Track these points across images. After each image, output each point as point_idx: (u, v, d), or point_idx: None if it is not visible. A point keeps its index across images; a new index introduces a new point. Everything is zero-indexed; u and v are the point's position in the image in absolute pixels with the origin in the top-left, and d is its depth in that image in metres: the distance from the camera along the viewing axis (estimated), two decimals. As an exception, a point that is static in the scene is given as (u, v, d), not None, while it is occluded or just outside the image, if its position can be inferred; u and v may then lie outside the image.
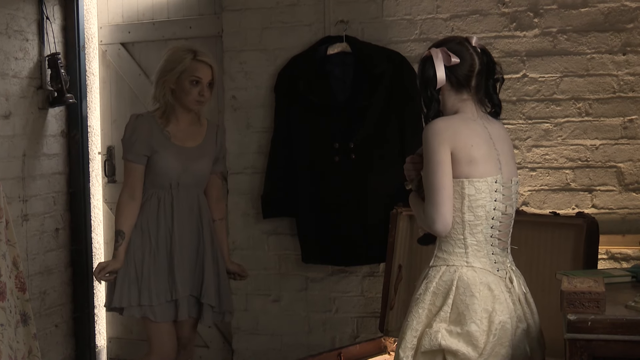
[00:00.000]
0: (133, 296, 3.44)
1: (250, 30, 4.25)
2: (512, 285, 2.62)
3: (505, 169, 2.61)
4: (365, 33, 4.05)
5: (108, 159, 4.77)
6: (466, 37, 2.67)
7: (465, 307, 2.51)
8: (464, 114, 2.61)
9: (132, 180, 3.48)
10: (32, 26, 4.25)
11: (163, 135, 3.47)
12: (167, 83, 3.46)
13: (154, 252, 3.47)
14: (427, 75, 2.59)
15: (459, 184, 2.53)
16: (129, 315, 3.51)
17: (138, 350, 4.72)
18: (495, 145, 2.60)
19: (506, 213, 2.61)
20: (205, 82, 3.47)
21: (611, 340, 2.37)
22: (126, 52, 4.69)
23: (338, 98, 4.00)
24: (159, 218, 3.48)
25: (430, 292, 2.57)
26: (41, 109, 4.30)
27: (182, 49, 3.52)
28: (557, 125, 3.83)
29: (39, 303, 4.25)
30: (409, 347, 2.55)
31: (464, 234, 2.56)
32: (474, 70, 2.60)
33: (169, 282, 3.46)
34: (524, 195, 3.87)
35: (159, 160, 3.45)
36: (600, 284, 2.51)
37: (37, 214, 4.26)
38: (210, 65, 3.49)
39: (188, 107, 3.48)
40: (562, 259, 3.28)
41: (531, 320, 2.65)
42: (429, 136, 2.53)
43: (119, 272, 3.45)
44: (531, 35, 3.85)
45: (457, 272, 2.56)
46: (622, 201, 3.76)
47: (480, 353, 2.49)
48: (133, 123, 3.50)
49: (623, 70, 3.74)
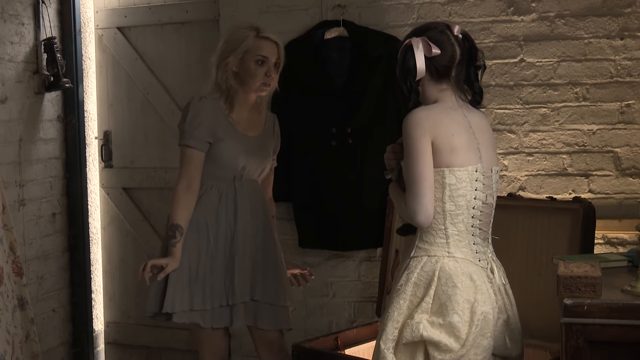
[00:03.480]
0: (185, 300, 3.12)
1: (247, 15, 4.23)
2: (494, 276, 2.61)
3: (485, 158, 2.60)
4: (363, 17, 4.04)
5: (105, 143, 4.77)
6: (448, 24, 2.63)
7: (447, 298, 2.49)
8: (444, 102, 2.59)
9: (190, 169, 3.12)
10: (27, 10, 4.23)
11: (228, 122, 3.17)
12: (229, 65, 3.14)
13: (212, 252, 3.15)
14: (407, 65, 2.56)
15: (439, 174, 2.51)
16: (178, 321, 3.17)
17: (135, 334, 4.75)
18: (475, 134, 2.59)
19: (487, 203, 2.60)
20: (271, 61, 3.15)
21: (607, 324, 2.38)
22: (122, 37, 4.67)
23: (335, 83, 3.99)
24: (219, 213, 3.16)
25: (411, 283, 2.55)
26: (37, 93, 4.29)
27: (244, 26, 3.21)
28: (554, 110, 3.83)
29: (36, 288, 4.26)
30: (390, 338, 2.53)
31: (445, 224, 2.54)
32: (455, 60, 2.59)
33: (226, 285, 3.15)
34: (521, 180, 3.87)
35: (224, 149, 3.13)
36: (596, 268, 2.52)
37: (33, 198, 4.26)
38: (275, 42, 3.18)
39: (253, 90, 3.18)
40: (559, 244, 3.28)
41: (511, 311, 2.64)
42: (409, 126, 2.51)
43: (170, 276, 3.11)
44: (529, 20, 3.85)
45: (438, 262, 2.54)
46: (618, 186, 3.76)
47: (462, 344, 2.47)
48: (196, 105, 3.15)
49: (621, 55, 3.74)
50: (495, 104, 3.89)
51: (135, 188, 4.73)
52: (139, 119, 4.69)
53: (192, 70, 4.53)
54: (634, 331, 2.37)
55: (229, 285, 3.15)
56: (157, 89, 4.61)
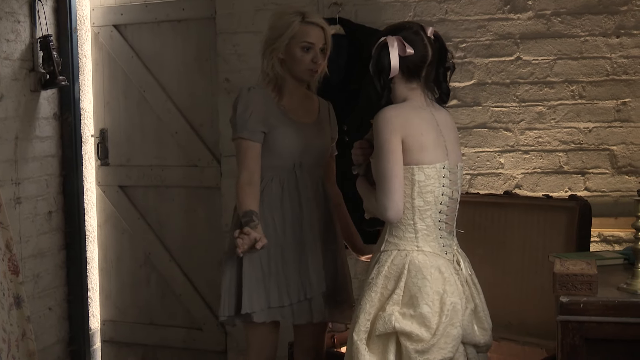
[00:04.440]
0: (262, 298, 3.01)
1: (244, 12, 4.23)
2: (460, 267, 2.70)
3: (452, 155, 2.69)
4: (359, 15, 4.04)
5: (101, 141, 4.76)
6: (422, 25, 2.72)
7: (418, 290, 2.57)
8: (413, 101, 2.68)
9: (248, 161, 2.99)
10: (23, 8, 4.22)
11: (279, 110, 3.06)
12: (275, 52, 3.05)
13: (282, 244, 3.04)
14: (382, 63, 2.65)
15: (409, 171, 2.60)
16: (259, 321, 3.03)
17: (132, 332, 4.74)
18: (442, 132, 2.68)
19: (452, 198, 2.69)
20: (317, 47, 3.05)
21: (603, 322, 2.39)
22: (119, 34, 4.66)
23: (332, 80, 3.97)
24: (284, 204, 3.05)
25: (382, 276, 2.63)
26: (33, 91, 4.28)
27: (289, 11, 3.09)
28: (550, 108, 3.83)
29: (33, 286, 4.25)
30: (362, 330, 2.60)
31: (414, 219, 2.63)
32: (426, 61, 2.67)
33: (301, 277, 3.03)
34: (517, 178, 3.88)
35: (279, 136, 3.01)
36: (592, 266, 2.52)
37: (30, 196, 4.25)
38: (322, 27, 3.06)
39: (301, 77, 3.09)
40: (555, 242, 3.29)
41: (478, 300, 2.73)
42: (380, 125, 2.59)
43: (244, 274, 3.00)
44: (525, 18, 3.85)
45: (408, 256, 2.62)
46: (614, 184, 3.77)
47: (433, 333, 2.55)
48: (245, 96, 3.05)
49: (617, 53, 3.74)
50: (492, 102, 3.90)
51: (131, 186, 4.72)
52: (135, 116, 4.69)
53: (188, 68, 4.53)
54: (630, 329, 2.38)
55: (304, 277, 3.04)
56: (153, 86, 4.60)
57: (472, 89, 3.93)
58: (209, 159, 4.48)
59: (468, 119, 3.94)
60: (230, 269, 3.05)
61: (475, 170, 3.93)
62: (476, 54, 3.91)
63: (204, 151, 4.50)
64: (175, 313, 4.65)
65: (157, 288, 4.69)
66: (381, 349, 2.58)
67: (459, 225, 2.82)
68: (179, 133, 4.56)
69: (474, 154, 3.93)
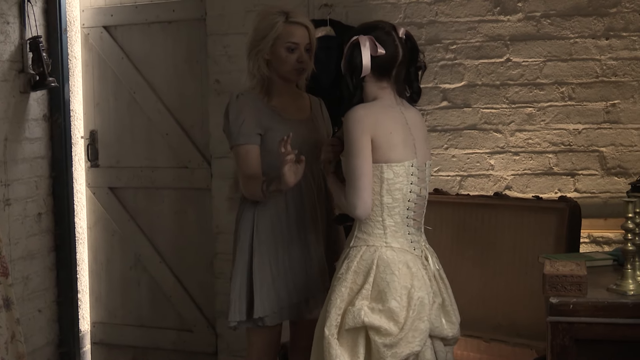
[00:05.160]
0: (273, 300, 3.00)
1: (234, 14, 4.23)
2: (428, 263, 2.76)
3: (420, 153, 2.74)
4: (350, 17, 4.04)
5: (91, 143, 4.75)
6: (394, 25, 2.77)
7: (386, 285, 2.63)
8: (383, 100, 2.73)
9: (250, 163, 2.99)
10: (12, 9, 4.20)
11: (270, 110, 3.06)
12: (260, 53, 3.04)
13: (288, 244, 3.03)
14: (354, 62, 2.71)
15: (378, 169, 2.65)
16: (272, 324, 3.03)
17: (122, 334, 4.73)
18: (411, 130, 2.73)
19: (420, 195, 2.75)
20: (302, 47, 3.05)
21: (593, 322, 2.40)
22: (109, 36, 4.65)
23: (322, 82, 3.98)
24: (288, 203, 3.04)
25: (351, 272, 2.68)
26: (23, 92, 4.26)
27: (272, 12, 3.07)
28: (540, 110, 3.84)
29: (22, 288, 4.23)
30: (333, 324, 2.64)
31: (383, 215, 2.69)
32: (397, 61, 2.73)
33: (307, 276, 3.03)
34: (507, 179, 3.88)
35: (275, 136, 2.96)
36: (582, 267, 2.53)
37: (19, 198, 4.24)
38: (305, 26, 3.06)
39: (287, 77, 3.07)
40: (545, 243, 3.30)
41: (445, 294, 2.80)
42: (350, 124, 2.66)
43: (254, 278, 2.99)
44: (515, 20, 3.86)
45: (377, 252, 2.68)
46: (604, 185, 3.78)
47: (401, 328, 2.60)
48: (235, 104, 3.05)
49: (606, 55, 3.76)
50: (482, 104, 3.90)
51: (121, 187, 4.71)
52: (126, 118, 4.67)
53: (178, 69, 4.52)
54: (619, 329, 2.38)
55: (310, 275, 3.04)
56: (143, 88, 4.59)
57: (462, 90, 3.93)
58: (199, 160, 4.48)
59: (458, 120, 3.94)
60: (241, 275, 3.06)
61: (466, 171, 3.94)
62: (466, 55, 3.92)
63: (195, 152, 4.49)
64: (166, 315, 4.64)
65: (148, 290, 4.68)
66: (351, 343, 2.63)
67: (450, 226, 2.85)
68: (169, 134, 4.55)
69: (464, 156, 3.94)
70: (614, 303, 2.40)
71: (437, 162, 3.96)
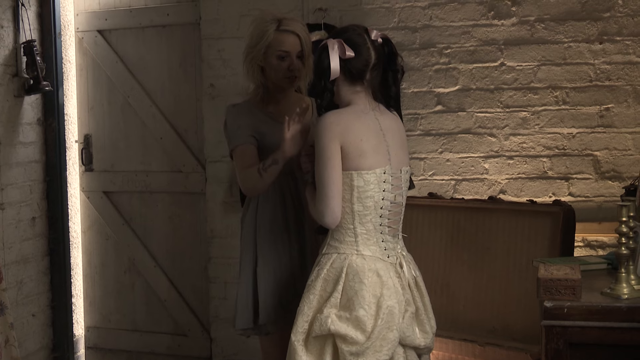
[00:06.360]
0: (278, 305, 3.03)
1: (228, 18, 4.23)
2: (402, 270, 2.71)
3: (395, 160, 2.69)
4: (344, 21, 4.04)
5: (85, 147, 4.74)
6: (366, 28, 2.73)
7: (354, 293, 2.60)
8: (356, 106, 2.69)
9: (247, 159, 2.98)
10: (7, 13, 4.20)
11: (267, 116, 3.08)
12: (254, 61, 3.05)
13: (289, 248, 3.06)
14: (322, 65, 2.67)
15: (348, 176, 2.62)
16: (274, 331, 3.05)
17: (116, 339, 4.72)
18: (385, 136, 2.68)
19: (395, 202, 2.70)
20: (294, 55, 3.03)
21: (587, 326, 2.40)
22: (103, 40, 4.65)
23: (316, 86, 3.99)
24: (287, 207, 3.06)
25: (321, 279, 2.66)
26: (17, 96, 4.25)
27: (265, 19, 3.07)
28: (534, 114, 3.85)
29: (16, 292, 4.22)
30: (300, 331, 2.64)
31: (354, 223, 2.65)
32: (369, 65, 2.68)
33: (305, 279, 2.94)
34: (501, 183, 3.89)
35: (271, 142, 2.97)
36: (576, 271, 2.53)
37: (13, 202, 4.23)
38: (297, 34, 3.05)
39: (280, 85, 3.07)
40: (539, 247, 3.30)
41: (420, 303, 2.74)
42: (319, 131, 2.62)
43: (259, 285, 3.02)
44: (509, 24, 3.87)
45: (347, 259, 2.65)
46: (598, 189, 3.79)
47: (368, 336, 2.57)
48: (232, 112, 3.11)
49: (600, 59, 3.77)
50: (476, 108, 3.91)
51: (115, 192, 4.70)
52: (120, 122, 4.67)
53: (173, 73, 4.52)
54: (613, 333, 2.39)
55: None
56: (137, 92, 4.59)
57: (457, 94, 3.94)
58: (193, 164, 4.48)
59: (452, 124, 3.95)
60: (247, 282, 3.07)
61: (460, 175, 3.94)
62: (460, 59, 3.92)
63: (189, 156, 4.49)
64: (160, 319, 4.63)
65: (142, 294, 4.67)
66: (318, 351, 2.62)
67: (444, 230, 2.84)
68: (163, 138, 4.55)
69: (459, 160, 3.94)
70: (608, 307, 2.40)
71: (431, 166, 3.96)
